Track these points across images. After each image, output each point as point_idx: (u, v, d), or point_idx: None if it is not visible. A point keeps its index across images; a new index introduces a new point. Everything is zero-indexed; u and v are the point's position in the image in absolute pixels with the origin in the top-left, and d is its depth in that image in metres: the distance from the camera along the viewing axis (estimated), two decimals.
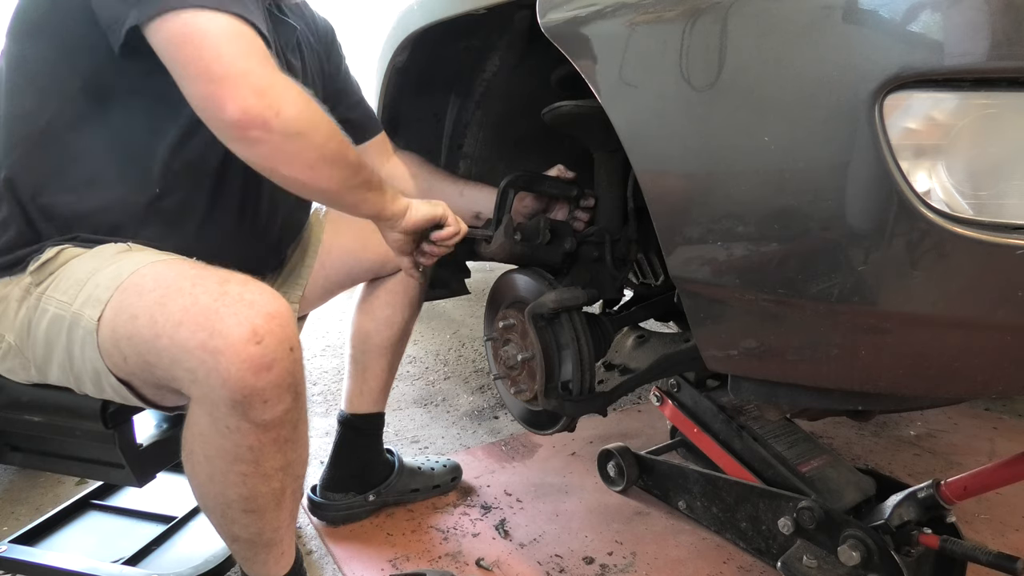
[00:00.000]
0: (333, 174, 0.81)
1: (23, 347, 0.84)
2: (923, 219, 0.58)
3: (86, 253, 0.83)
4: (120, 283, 0.77)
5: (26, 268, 0.83)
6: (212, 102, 0.72)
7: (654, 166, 0.76)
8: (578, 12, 0.79)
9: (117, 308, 0.76)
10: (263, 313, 0.71)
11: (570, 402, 0.99)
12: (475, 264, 1.79)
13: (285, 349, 0.72)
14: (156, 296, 0.74)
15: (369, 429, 1.34)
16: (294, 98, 0.75)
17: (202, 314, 0.70)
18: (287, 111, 0.74)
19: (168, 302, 0.73)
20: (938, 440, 1.63)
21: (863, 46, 0.58)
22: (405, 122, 1.34)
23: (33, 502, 1.40)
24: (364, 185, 0.87)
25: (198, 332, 0.70)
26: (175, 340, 0.71)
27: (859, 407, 0.82)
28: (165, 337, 0.71)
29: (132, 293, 0.76)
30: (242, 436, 0.74)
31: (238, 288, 0.73)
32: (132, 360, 0.76)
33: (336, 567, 1.20)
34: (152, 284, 0.76)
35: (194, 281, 0.74)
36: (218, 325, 0.70)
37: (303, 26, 1.10)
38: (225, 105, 0.71)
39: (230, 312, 0.70)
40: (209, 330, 0.69)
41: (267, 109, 0.72)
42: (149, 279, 0.77)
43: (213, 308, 0.71)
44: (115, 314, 0.75)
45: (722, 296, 0.76)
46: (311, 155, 0.78)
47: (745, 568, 1.16)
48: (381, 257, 1.24)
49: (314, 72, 1.11)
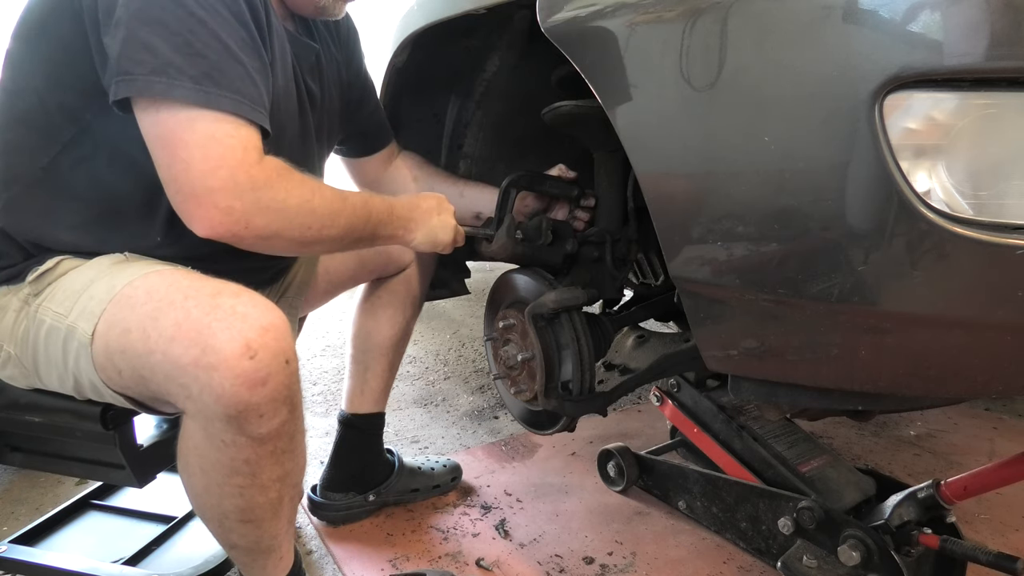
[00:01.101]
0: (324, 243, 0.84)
1: (23, 358, 0.84)
2: (923, 219, 0.58)
3: (83, 264, 0.83)
4: (113, 296, 0.76)
5: (25, 278, 0.82)
6: (182, 212, 0.74)
7: (654, 166, 0.76)
8: (578, 12, 0.79)
9: (110, 322, 0.75)
10: (256, 327, 0.70)
11: (570, 402, 0.99)
12: (475, 264, 1.79)
13: (280, 362, 0.71)
14: (148, 310, 0.73)
15: (369, 429, 1.34)
16: (266, 204, 0.75)
17: (194, 329, 0.69)
18: (256, 221, 0.75)
19: (160, 316, 0.72)
20: (938, 440, 1.63)
21: (863, 46, 0.58)
22: (405, 122, 1.34)
23: (33, 502, 1.40)
24: (368, 239, 0.90)
25: (191, 348, 0.69)
26: (168, 356, 0.70)
27: (859, 407, 0.82)
28: (158, 353, 0.70)
29: (124, 306, 0.75)
30: (238, 450, 0.74)
31: (230, 301, 0.72)
32: (127, 374, 0.75)
33: (336, 567, 1.20)
34: (144, 297, 0.75)
35: (186, 294, 0.73)
36: (211, 340, 0.68)
37: (325, 37, 1.06)
38: (193, 222, 0.73)
39: (223, 327, 0.69)
40: (202, 346, 0.68)
41: (235, 224, 0.74)
42: (141, 291, 0.75)
43: (205, 323, 0.69)
44: (108, 328, 0.75)
45: (722, 296, 0.76)
46: (290, 244, 0.80)
47: (745, 568, 1.16)
48: (383, 258, 1.24)
49: (332, 89, 1.08)
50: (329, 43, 1.07)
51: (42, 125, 0.81)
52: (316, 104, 1.01)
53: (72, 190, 0.82)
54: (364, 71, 1.20)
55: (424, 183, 1.26)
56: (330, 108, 1.07)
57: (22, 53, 0.81)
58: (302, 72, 0.96)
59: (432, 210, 1.01)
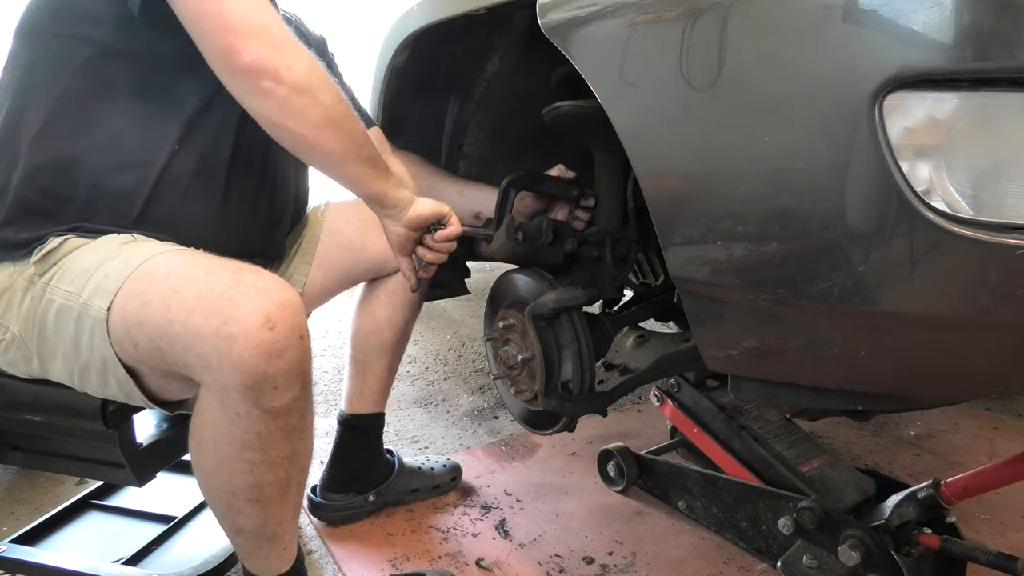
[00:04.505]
0: (338, 138, 0.83)
1: (27, 338, 0.84)
2: (923, 219, 0.58)
3: (90, 243, 0.84)
4: (131, 271, 0.78)
5: (30, 256, 0.83)
6: (229, 51, 0.75)
7: (654, 166, 0.76)
8: (578, 12, 0.79)
9: (128, 295, 0.77)
10: (276, 301, 0.73)
11: (570, 402, 0.99)
12: (475, 264, 1.78)
13: (296, 337, 0.74)
14: (170, 283, 0.76)
15: (369, 429, 1.34)
16: (306, 58, 0.79)
17: (217, 301, 0.72)
18: (298, 67, 0.77)
19: (182, 289, 0.74)
20: (938, 440, 1.63)
21: (863, 46, 0.58)
22: (405, 122, 1.34)
23: (33, 502, 1.40)
24: (368, 160, 0.88)
25: (212, 318, 0.71)
26: (188, 326, 0.72)
27: (859, 407, 0.82)
28: (178, 323, 0.73)
29: (144, 280, 0.77)
30: (251, 423, 0.76)
31: (251, 276, 0.75)
32: (143, 346, 0.77)
33: (336, 567, 1.20)
34: (165, 271, 0.77)
35: (207, 269, 0.76)
36: (232, 312, 0.71)
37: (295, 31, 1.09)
38: (241, 54, 0.75)
39: (244, 299, 0.72)
40: (224, 316, 0.71)
41: (280, 61, 0.76)
42: (162, 267, 0.78)
43: (227, 295, 0.72)
44: (126, 301, 0.77)
45: (722, 296, 0.76)
46: (318, 113, 0.80)
47: (745, 568, 1.16)
48: (381, 257, 1.24)
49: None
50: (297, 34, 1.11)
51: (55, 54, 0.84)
52: None
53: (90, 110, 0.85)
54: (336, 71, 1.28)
55: (423, 182, 1.26)
56: None
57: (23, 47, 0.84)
58: None
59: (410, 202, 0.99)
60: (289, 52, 0.77)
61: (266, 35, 0.76)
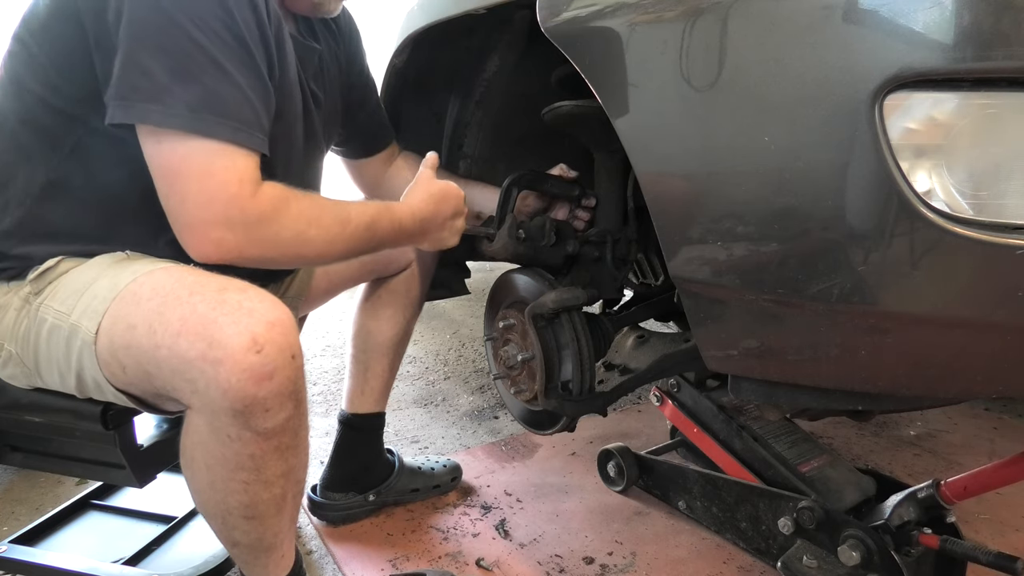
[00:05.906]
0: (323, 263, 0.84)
1: (24, 356, 0.84)
2: (923, 219, 0.58)
3: (84, 263, 0.83)
4: (117, 292, 0.76)
5: (25, 277, 0.82)
6: (179, 238, 0.76)
7: (654, 166, 0.76)
8: (578, 12, 0.79)
9: (115, 318, 0.75)
10: (263, 321, 0.70)
11: (570, 402, 0.99)
12: (475, 264, 1.79)
13: (286, 357, 0.71)
14: (154, 305, 0.73)
15: (370, 429, 1.34)
16: (259, 238, 0.77)
17: (201, 323, 0.69)
18: (249, 252, 0.77)
19: (166, 311, 0.72)
20: (938, 440, 1.63)
21: (863, 46, 0.58)
22: (405, 122, 1.34)
23: (33, 502, 1.40)
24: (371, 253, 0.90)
25: (197, 343, 0.69)
26: (174, 351, 0.70)
27: (859, 407, 0.82)
28: (164, 348, 0.70)
29: (129, 302, 0.75)
30: (243, 445, 0.74)
31: (236, 296, 0.72)
32: (131, 370, 0.75)
33: (336, 567, 1.20)
34: (149, 293, 0.75)
35: (192, 289, 0.73)
36: (217, 335, 0.68)
37: (327, 36, 1.06)
38: (188, 249, 0.76)
39: (229, 321, 0.69)
40: (208, 340, 0.68)
41: (227, 254, 0.76)
42: (147, 288, 0.75)
43: (211, 317, 0.69)
44: (112, 324, 0.75)
45: (722, 296, 0.76)
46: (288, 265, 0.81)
47: (745, 568, 1.16)
48: (383, 257, 1.23)
49: (334, 91, 1.08)
50: (330, 42, 1.07)
51: (46, 127, 0.81)
52: (320, 106, 1.01)
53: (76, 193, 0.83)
54: (366, 71, 1.20)
55: None
56: (332, 109, 1.07)
57: (23, 56, 0.81)
58: (306, 76, 0.96)
59: (447, 218, 1.02)
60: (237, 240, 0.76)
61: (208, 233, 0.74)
